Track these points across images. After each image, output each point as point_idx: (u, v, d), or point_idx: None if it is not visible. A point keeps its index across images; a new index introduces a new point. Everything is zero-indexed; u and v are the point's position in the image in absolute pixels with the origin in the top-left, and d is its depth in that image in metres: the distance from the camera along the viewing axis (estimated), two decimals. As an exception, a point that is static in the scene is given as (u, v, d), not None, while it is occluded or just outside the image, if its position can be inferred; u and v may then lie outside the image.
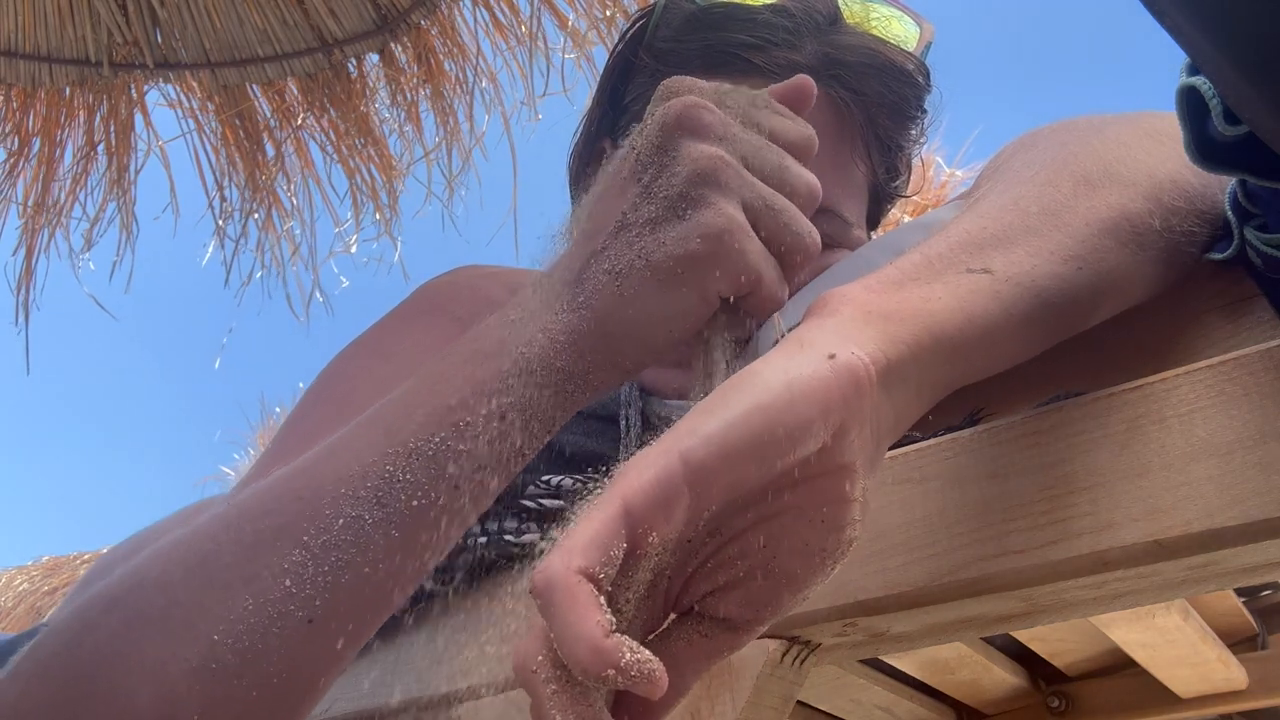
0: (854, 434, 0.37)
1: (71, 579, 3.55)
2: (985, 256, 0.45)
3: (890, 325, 0.40)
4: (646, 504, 0.34)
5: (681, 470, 0.34)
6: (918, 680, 0.76)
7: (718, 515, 0.37)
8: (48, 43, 1.68)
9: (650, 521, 0.34)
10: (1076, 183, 0.49)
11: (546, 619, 0.32)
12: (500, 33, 1.77)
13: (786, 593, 0.38)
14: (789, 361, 0.37)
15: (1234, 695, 0.78)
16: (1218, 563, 0.42)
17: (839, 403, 0.36)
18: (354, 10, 1.73)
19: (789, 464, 0.36)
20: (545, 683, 0.33)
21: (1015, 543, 0.43)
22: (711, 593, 0.39)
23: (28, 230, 1.81)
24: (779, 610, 0.39)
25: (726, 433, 0.35)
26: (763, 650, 0.50)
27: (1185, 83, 0.43)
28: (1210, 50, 0.36)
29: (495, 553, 0.66)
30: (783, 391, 0.36)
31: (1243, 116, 0.39)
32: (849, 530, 0.38)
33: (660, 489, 0.34)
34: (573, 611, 0.32)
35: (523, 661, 0.34)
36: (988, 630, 0.51)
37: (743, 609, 0.38)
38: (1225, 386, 0.41)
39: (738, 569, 0.38)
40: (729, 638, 0.39)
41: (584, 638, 0.31)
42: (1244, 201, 0.51)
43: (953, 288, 0.43)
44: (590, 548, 0.33)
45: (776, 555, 0.38)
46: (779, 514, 0.38)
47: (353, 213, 1.89)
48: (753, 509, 0.38)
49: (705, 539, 0.38)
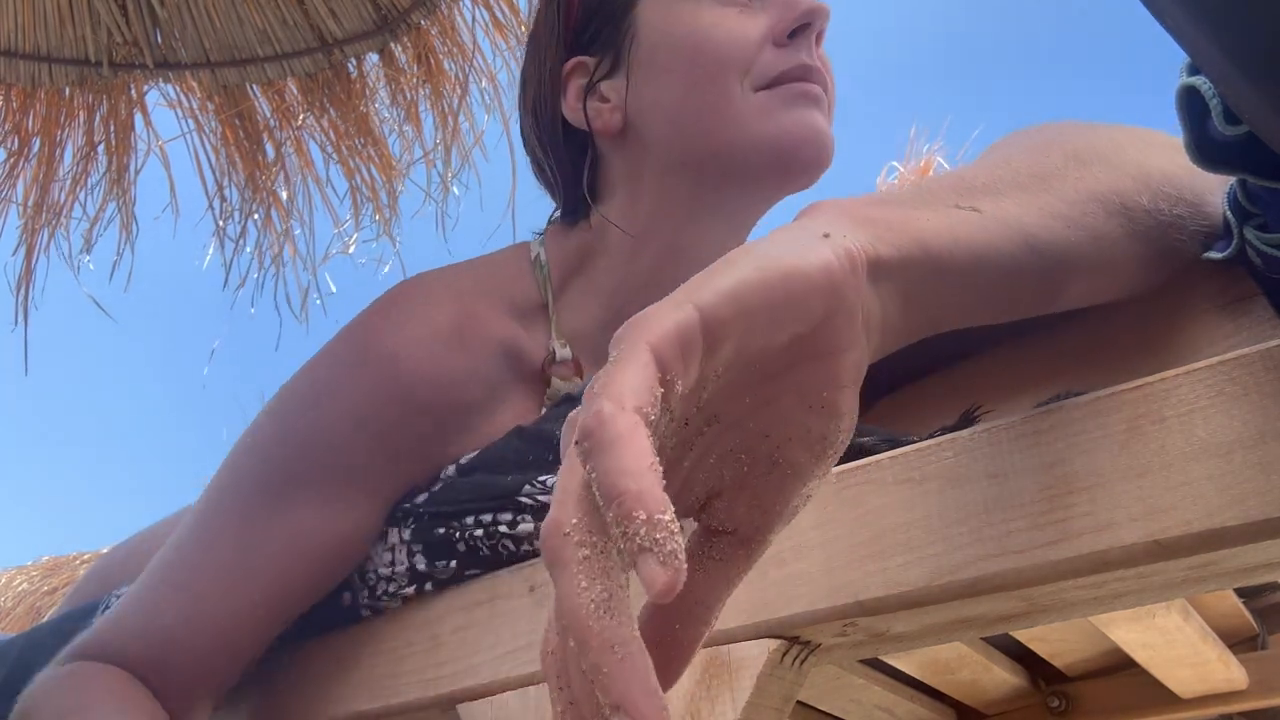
0: (849, 317, 0.38)
1: (71, 579, 3.55)
2: (974, 199, 0.45)
3: (879, 230, 0.41)
4: (672, 350, 0.33)
5: (698, 318, 0.34)
6: (918, 680, 0.76)
7: (717, 399, 0.37)
8: (47, 42, 1.67)
9: (675, 368, 0.33)
10: (1067, 157, 0.50)
11: (594, 459, 0.30)
12: (500, 32, 1.77)
13: (791, 486, 0.38)
14: (786, 236, 0.38)
15: (1234, 695, 0.78)
16: (1218, 563, 0.42)
17: (839, 277, 0.37)
18: (354, 10, 1.72)
19: (793, 329, 0.36)
20: (578, 546, 0.31)
21: (1015, 543, 0.43)
22: (718, 495, 0.38)
23: (27, 230, 1.81)
24: (785, 510, 0.38)
25: (738, 287, 0.35)
26: (763, 650, 0.50)
27: (1185, 82, 0.43)
28: (1210, 50, 0.36)
29: (490, 544, 0.66)
30: (789, 256, 0.36)
31: (1243, 116, 0.39)
32: (846, 419, 0.38)
33: (681, 334, 0.33)
34: (629, 446, 0.30)
35: (554, 527, 0.31)
36: (988, 630, 0.51)
37: (750, 512, 0.38)
38: (1225, 386, 0.41)
39: (740, 464, 0.38)
40: (742, 554, 0.38)
41: (634, 471, 0.29)
42: (1244, 201, 0.51)
43: (941, 215, 0.43)
44: (639, 390, 0.32)
45: (779, 445, 0.38)
46: (777, 398, 0.38)
47: (352, 213, 1.89)
48: (751, 393, 0.37)
49: (704, 427, 0.38)
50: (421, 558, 0.69)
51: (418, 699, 0.64)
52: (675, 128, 0.77)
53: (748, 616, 0.50)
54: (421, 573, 0.68)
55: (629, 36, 0.79)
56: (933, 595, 0.45)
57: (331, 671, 0.71)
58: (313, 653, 0.74)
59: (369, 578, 0.71)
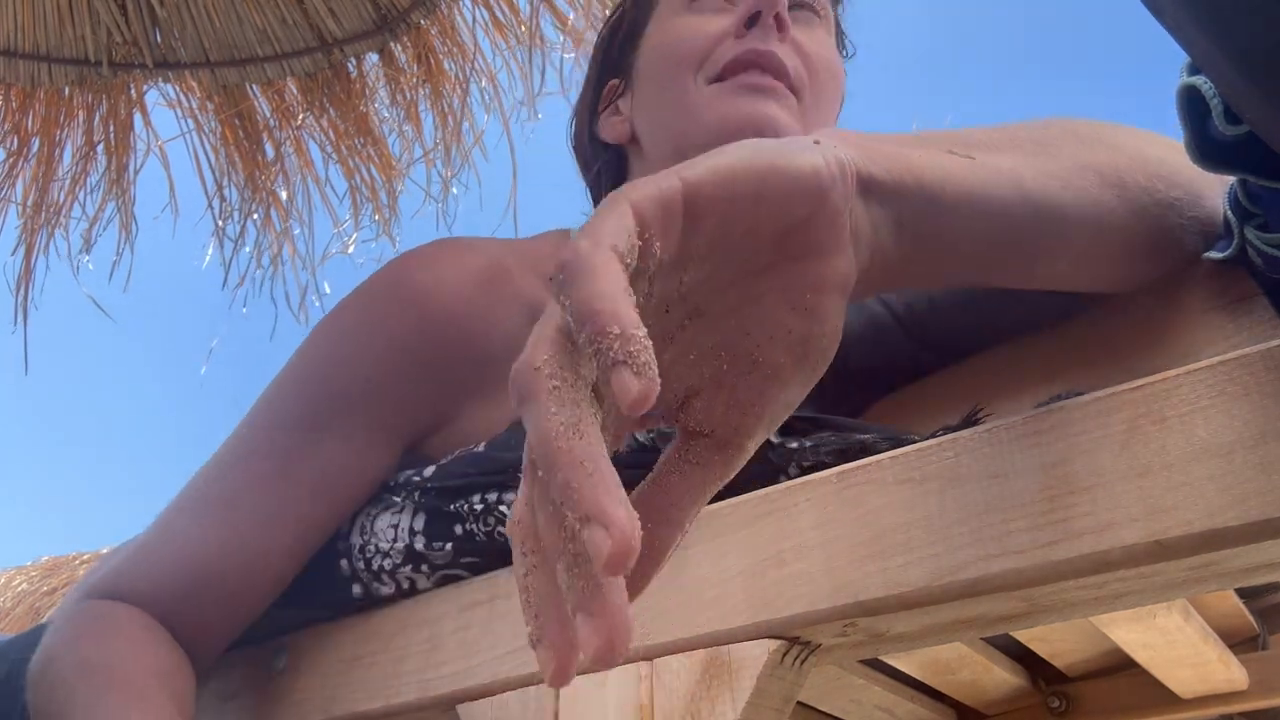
0: (834, 219, 0.38)
1: (71, 579, 3.54)
2: (968, 150, 0.46)
3: (872, 154, 0.41)
4: (652, 208, 0.34)
5: (681, 186, 0.35)
6: (918, 680, 0.76)
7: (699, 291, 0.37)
8: (47, 42, 1.67)
9: (654, 226, 0.34)
10: (1066, 133, 0.51)
11: (568, 288, 0.31)
12: (500, 32, 1.77)
13: (771, 389, 0.38)
14: (779, 140, 0.39)
15: (1234, 696, 0.78)
16: (1218, 563, 0.42)
17: (826, 178, 0.37)
18: (353, 10, 1.73)
19: (777, 221, 0.37)
20: (548, 379, 0.31)
21: (1015, 543, 0.43)
22: (697, 394, 0.38)
23: (26, 230, 1.81)
24: (764, 415, 0.38)
25: (725, 167, 0.36)
26: (763, 650, 0.50)
27: (1186, 82, 0.43)
28: (1211, 49, 0.36)
29: (487, 530, 0.66)
30: (778, 151, 0.37)
31: (1243, 116, 0.39)
32: (829, 325, 0.38)
33: (663, 197, 0.34)
34: (604, 273, 0.31)
35: (524, 365, 0.32)
36: (988, 630, 0.51)
37: (729, 412, 0.38)
38: (1226, 386, 0.41)
39: (720, 361, 0.38)
40: (720, 460, 0.38)
41: (607, 294, 0.30)
42: (1244, 201, 0.51)
43: (935, 155, 0.44)
44: (616, 232, 0.32)
45: (759, 344, 0.38)
46: (760, 297, 0.38)
47: (352, 213, 1.89)
48: (734, 289, 0.38)
49: (685, 320, 0.38)
50: (421, 537, 0.69)
51: (418, 699, 0.64)
52: (654, 128, 0.82)
53: (748, 617, 0.50)
54: (418, 553, 0.68)
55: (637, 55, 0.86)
56: (933, 595, 0.45)
57: (331, 671, 0.71)
58: (311, 652, 0.74)
59: (367, 550, 0.71)
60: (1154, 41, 0.42)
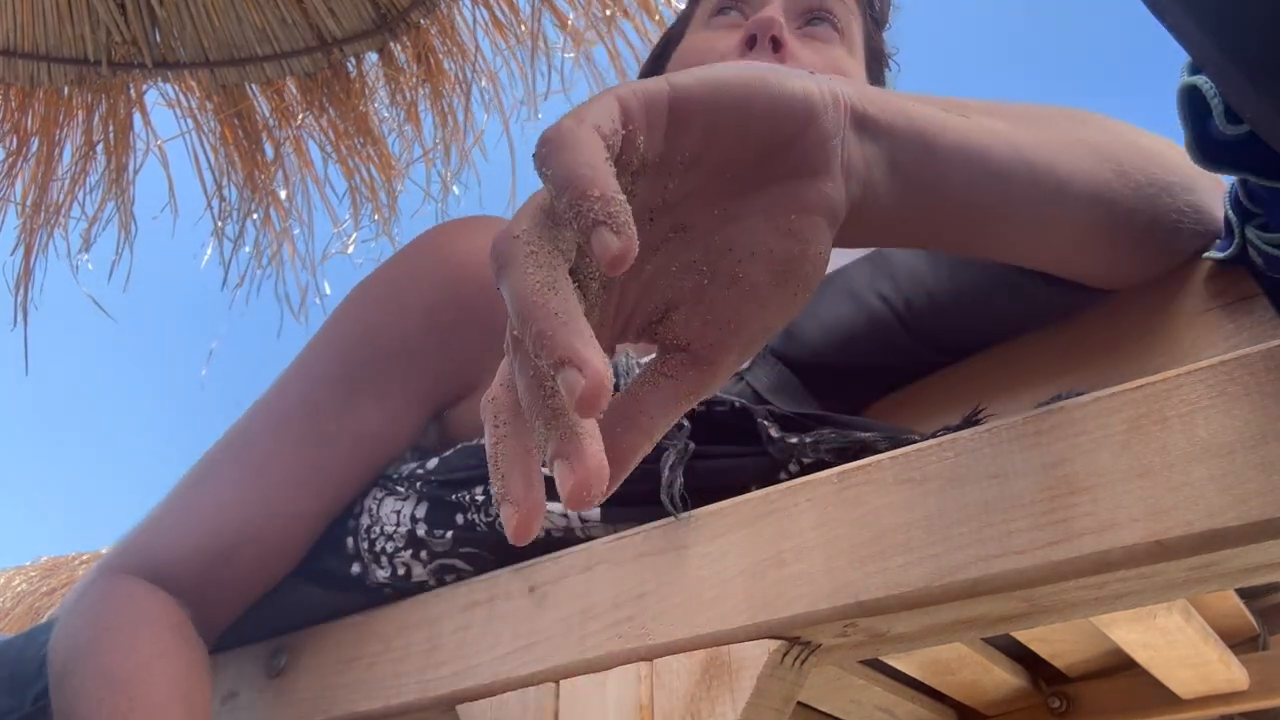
0: (823, 141, 0.38)
1: (70, 580, 3.54)
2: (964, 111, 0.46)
3: (866, 93, 0.41)
4: (637, 102, 0.35)
5: (668, 89, 0.36)
6: (918, 681, 0.76)
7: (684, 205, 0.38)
8: (46, 42, 1.67)
9: (638, 120, 0.35)
10: (1061, 113, 0.52)
11: (550, 161, 0.32)
12: (500, 32, 1.77)
13: (749, 307, 0.38)
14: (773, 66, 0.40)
15: (1235, 696, 0.78)
16: (1219, 563, 0.42)
17: (818, 103, 0.38)
18: (353, 9, 1.72)
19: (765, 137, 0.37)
20: (525, 244, 0.32)
21: (1016, 543, 0.43)
22: (675, 308, 0.39)
23: (26, 230, 1.81)
24: (740, 332, 0.38)
25: (715, 77, 0.36)
26: (763, 651, 0.50)
27: (1186, 82, 0.43)
28: (1211, 49, 0.36)
29: (488, 520, 0.66)
30: (771, 73, 0.38)
31: (1244, 115, 0.39)
32: (812, 248, 0.38)
33: (649, 95, 0.35)
34: (586, 145, 0.31)
35: (504, 234, 0.33)
36: (988, 631, 0.51)
37: (705, 328, 0.38)
38: (1227, 386, 0.41)
39: (701, 275, 0.38)
40: (695, 375, 0.38)
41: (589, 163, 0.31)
42: (1245, 201, 0.51)
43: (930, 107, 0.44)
44: (600, 114, 0.33)
45: (740, 260, 0.38)
46: (745, 215, 0.38)
47: (351, 212, 1.89)
48: (719, 205, 0.38)
49: (669, 233, 0.38)
50: (423, 524, 0.69)
51: (418, 699, 0.64)
52: None
53: (748, 617, 0.50)
54: (419, 539, 0.69)
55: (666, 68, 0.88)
56: (933, 596, 0.45)
57: (330, 671, 0.71)
58: (311, 652, 0.74)
59: (372, 531, 0.72)
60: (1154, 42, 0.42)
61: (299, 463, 0.71)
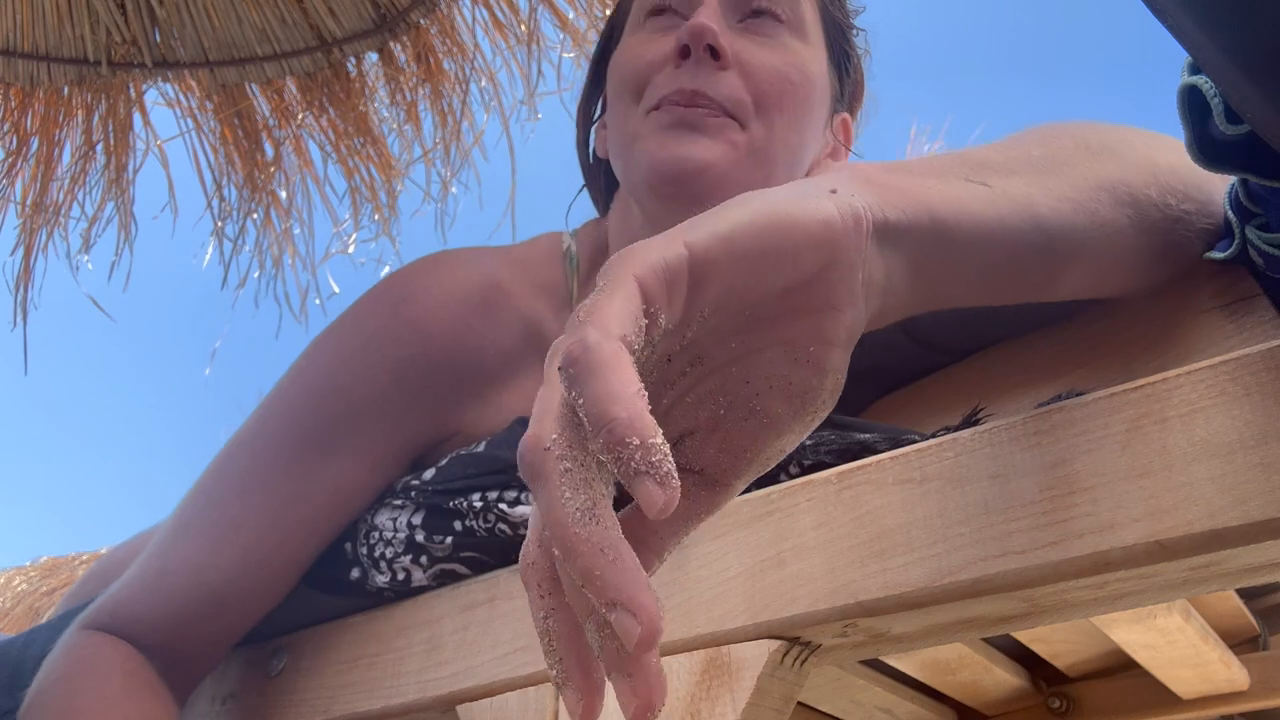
0: (846, 274, 0.37)
1: (70, 580, 3.54)
2: (985, 174, 0.45)
3: (889, 194, 0.40)
4: (657, 282, 0.33)
5: (687, 256, 0.34)
6: (918, 681, 0.76)
7: (703, 339, 0.37)
8: (46, 42, 1.67)
9: (659, 300, 0.33)
10: (1078, 146, 0.51)
11: (580, 385, 0.30)
12: (500, 32, 1.77)
13: (765, 436, 0.38)
14: (791, 191, 0.38)
15: (1235, 696, 0.78)
16: (1219, 563, 0.42)
17: (839, 232, 0.37)
18: (353, 9, 1.72)
19: (786, 278, 0.36)
20: (559, 460, 0.31)
21: (1016, 543, 0.43)
22: (690, 434, 0.38)
23: (26, 230, 1.80)
24: (755, 459, 0.38)
25: (733, 230, 0.35)
26: (763, 651, 0.50)
27: (1187, 82, 0.43)
28: (1212, 49, 0.36)
29: (487, 526, 0.66)
30: (789, 206, 0.36)
31: (1244, 116, 0.39)
32: (830, 378, 0.38)
33: (668, 269, 0.34)
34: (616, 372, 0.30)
35: (534, 442, 0.32)
36: (989, 631, 0.51)
37: (721, 455, 0.38)
38: (1227, 386, 0.41)
39: (718, 405, 0.38)
40: (706, 495, 0.38)
41: (622, 397, 0.30)
42: (1245, 201, 0.51)
43: (952, 186, 0.43)
44: (624, 318, 0.32)
45: (759, 393, 0.38)
46: (764, 348, 0.38)
47: (352, 212, 1.89)
48: (737, 339, 0.37)
49: (686, 367, 0.38)
50: (421, 531, 0.69)
51: (417, 699, 0.64)
52: (613, 152, 0.81)
53: (748, 617, 0.50)
54: (418, 544, 0.69)
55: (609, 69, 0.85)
56: (934, 596, 0.45)
57: (330, 672, 0.71)
58: (311, 653, 0.74)
59: (371, 536, 0.72)
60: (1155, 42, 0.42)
61: (274, 522, 0.72)
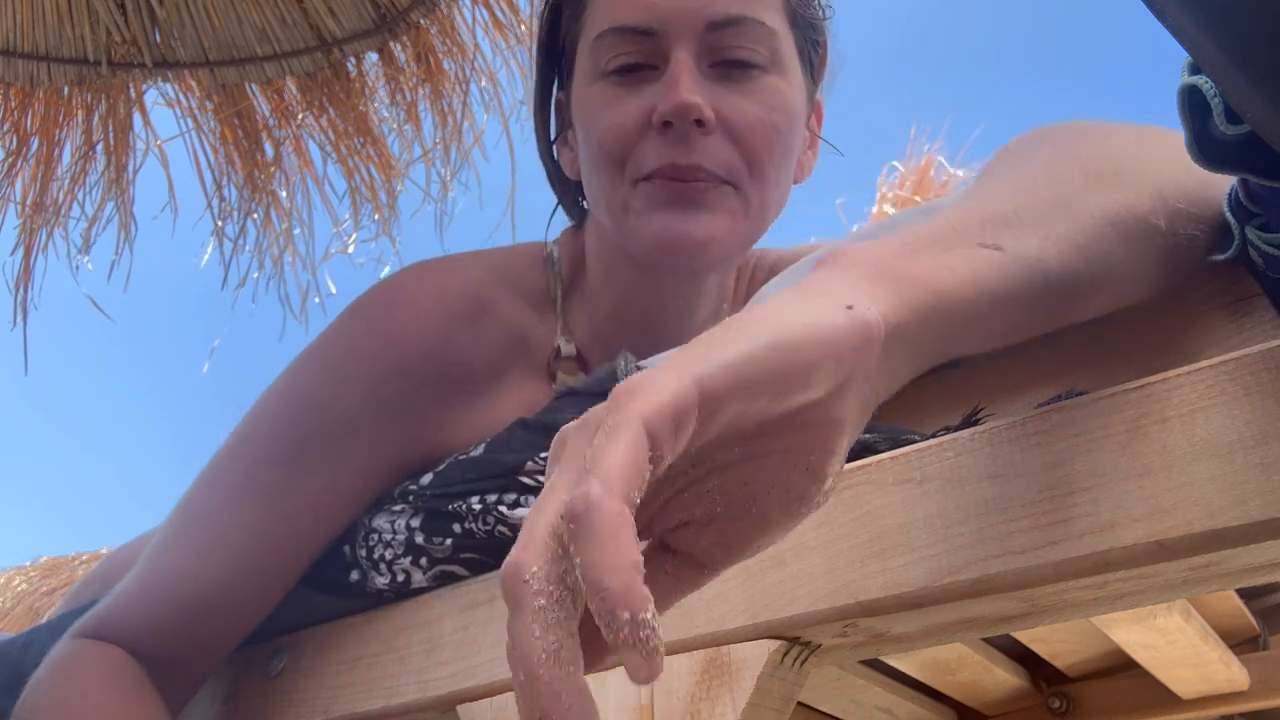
0: (854, 389, 0.37)
1: (70, 580, 3.54)
2: (997, 233, 0.45)
3: (902, 287, 0.40)
4: (665, 427, 0.33)
5: (696, 395, 0.34)
6: (918, 681, 0.76)
7: (706, 446, 0.37)
8: (46, 42, 1.67)
9: (666, 445, 0.33)
10: (1086, 176, 0.50)
11: (578, 545, 0.31)
12: (500, 32, 1.77)
13: (758, 535, 0.38)
14: (806, 306, 0.37)
15: (1235, 696, 0.78)
16: (1219, 563, 0.42)
17: (850, 354, 0.37)
18: (353, 9, 1.72)
19: (795, 401, 0.36)
20: (535, 595, 0.31)
21: (1016, 543, 0.43)
22: (685, 525, 0.39)
23: (26, 230, 1.80)
24: (746, 553, 0.39)
25: (743, 364, 0.35)
26: (763, 651, 0.50)
27: (1187, 81, 0.43)
28: (1212, 49, 0.36)
29: (486, 528, 0.66)
30: (801, 333, 0.36)
31: (1244, 116, 0.39)
32: (829, 483, 0.38)
33: (677, 410, 0.33)
34: (615, 541, 0.30)
35: (515, 571, 0.32)
36: (989, 631, 0.51)
37: (713, 547, 0.38)
38: (1227, 386, 0.41)
39: (715, 504, 0.38)
40: (693, 576, 0.39)
41: (619, 569, 0.30)
42: (1245, 201, 0.51)
43: (966, 260, 0.43)
44: (629, 472, 0.32)
45: (757, 496, 0.38)
46: (766, 455, 0.38)
47: (351, 212, 1.89)
48: (741, 446, 0.37)
49: (687, 467, 0.38)
50: (420, 533, 0.69)
51: (417, 699, 0.64)
52: (597, 208, 0.79)
53: (748, 617, 0.50)
54: (418, 545, 0.69)
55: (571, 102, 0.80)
56: (934, 596, 0.45)
57: (330, 672, 0.71)
58: (311, 653, 0.74)
59: (370, 538, 0.72)
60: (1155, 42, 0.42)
61: (260, 533, 0.72)
